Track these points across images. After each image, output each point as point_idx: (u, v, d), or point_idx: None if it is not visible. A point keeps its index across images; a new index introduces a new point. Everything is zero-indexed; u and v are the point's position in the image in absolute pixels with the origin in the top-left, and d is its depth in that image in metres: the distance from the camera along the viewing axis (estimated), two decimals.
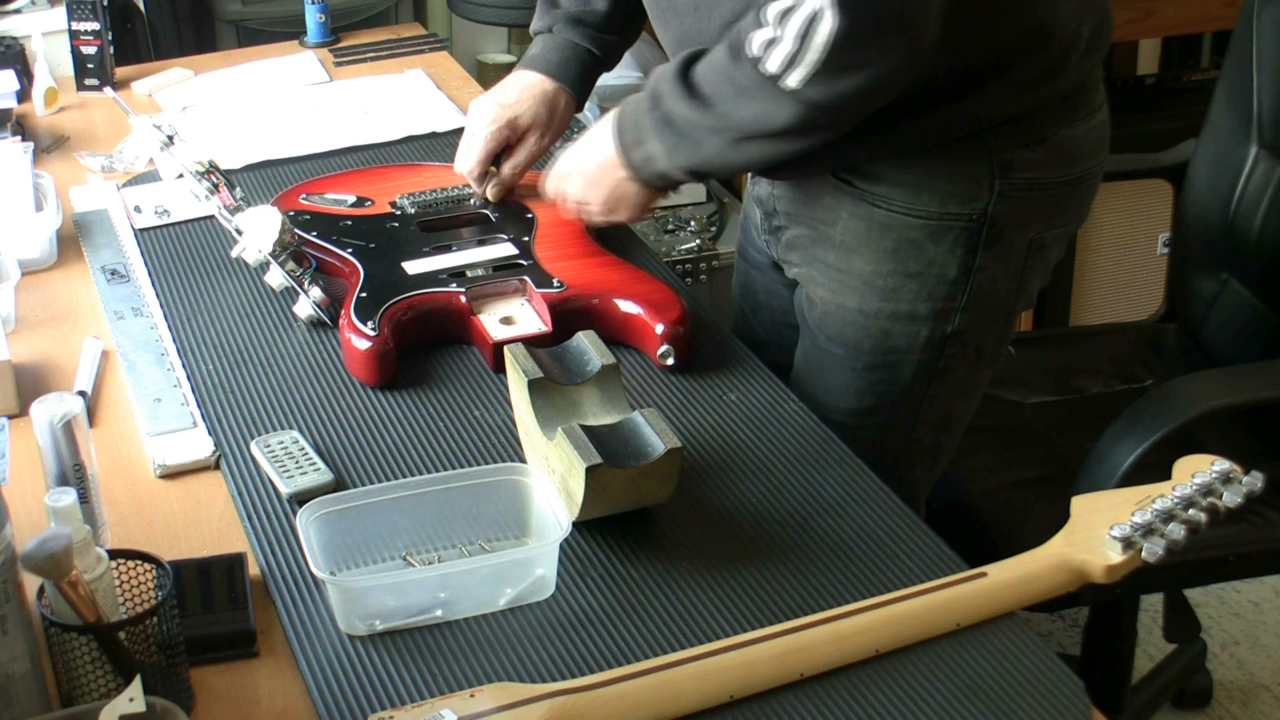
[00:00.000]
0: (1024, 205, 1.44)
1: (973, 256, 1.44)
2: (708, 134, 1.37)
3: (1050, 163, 1.44)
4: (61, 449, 1.22)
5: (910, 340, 1.48)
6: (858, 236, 1.46)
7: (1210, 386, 1.71)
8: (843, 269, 1.48)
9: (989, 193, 1.42)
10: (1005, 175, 1.42)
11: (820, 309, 1.52)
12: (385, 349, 1.44)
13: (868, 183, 1.44)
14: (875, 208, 1.44)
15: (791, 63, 1.25)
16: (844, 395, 1.53)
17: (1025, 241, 1.46)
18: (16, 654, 1.04)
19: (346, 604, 1.14)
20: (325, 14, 2.38)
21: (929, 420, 1.55)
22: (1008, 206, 1.43)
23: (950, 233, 1.43)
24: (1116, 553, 1.16)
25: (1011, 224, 1.44)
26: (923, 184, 1.42)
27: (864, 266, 1.47)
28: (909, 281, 1.45)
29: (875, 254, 1.46)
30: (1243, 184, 1.96)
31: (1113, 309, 2.97)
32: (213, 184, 1.65)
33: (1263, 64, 1.92)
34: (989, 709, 1.06)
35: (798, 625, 1.11)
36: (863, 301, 1.48)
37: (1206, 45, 3.04)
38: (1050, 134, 1.43)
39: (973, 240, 1.43)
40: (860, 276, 1.47)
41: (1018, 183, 1.42)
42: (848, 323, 1.50)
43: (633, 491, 1.22)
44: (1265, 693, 2.34)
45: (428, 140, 2.00)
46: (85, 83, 2.21)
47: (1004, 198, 1.42)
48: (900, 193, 1.43)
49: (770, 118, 1.31)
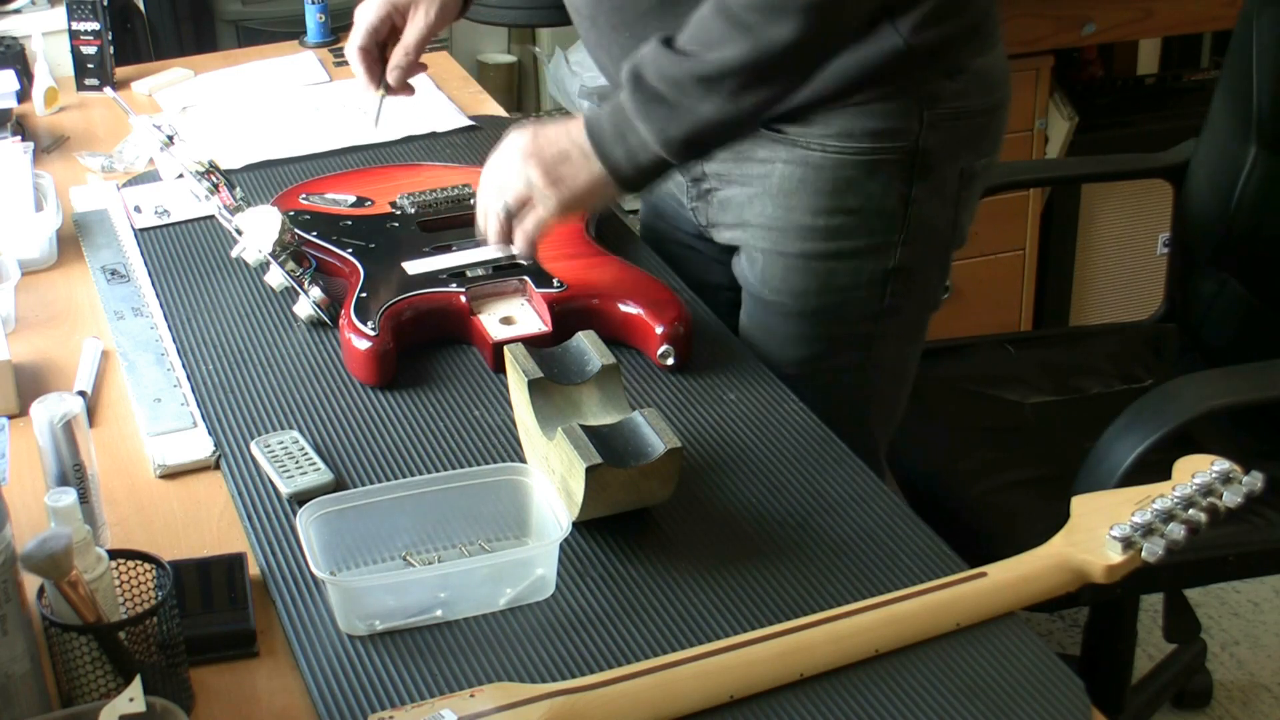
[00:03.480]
0: (952, 135, 1.48)
1: (908, 188, 1.48)
2: (704, 91, 1.32)
3: (971, 91, 1.49)
4: (61, 449, 1.22)
5: (854, 278, 1.52)
6: (794, 182, 1.49)
7: (1210, 386, 1.71)
8: (782, 217, 1.51)
9: (918, 124, 1.46)
10: (932, 106, 1.46)
11: (762, 263, 1.55)
12: (385, 349, 1.44)
13: (800, 127, 1.48)
14: (809, 150, 1.48)
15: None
16: (794, 344, 1.56)
17: (956, 171, 1.51)
18: (16, 654, 1.04)
19: (346, 604, 1.14)
20: (325, 14, 2.38)
21: (881, 363, 1.58)
22: (937, 137, 1.47)
23: (884, 167, 1.47)
24: (1116, 553, 1.16)
25: (942, 154, 1.48)
26: (854, 122, 1.46)
27: (803, 210, 1.50)
28: (849, 219, 1.49)
29: (814, 196, 1.49)
30: (1243, 184, 1.96)
31: (1113, 309, 2.97)
32: (213, 184, 1.65)
33: (1263, 64, 1.92)
34: (989, 709, 1.06)
35: (798, 625, 1.11)
36: (804, 245, 1.51)
37: (1206, 45, 3.04)
38: (967, 63, 1.48)
39: (906, 172, 1.47)
40: (800, 220, 1.50)
41: (944, 113, 1.47)
42: (792, 269, 1.53)
43: (633, 491, 1.22)
44: (1265, 693, 2.34)
45: (428, 140, 2.00)
46: (85, 83, 2.21)
47: (932, 129, 1.46)
48: (833, 133, 1.46)
49: (773, 41, 1.29)
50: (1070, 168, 2.56)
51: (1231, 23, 2.01)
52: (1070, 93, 2.86)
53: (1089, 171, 2.41)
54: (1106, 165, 2.35)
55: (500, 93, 3.07)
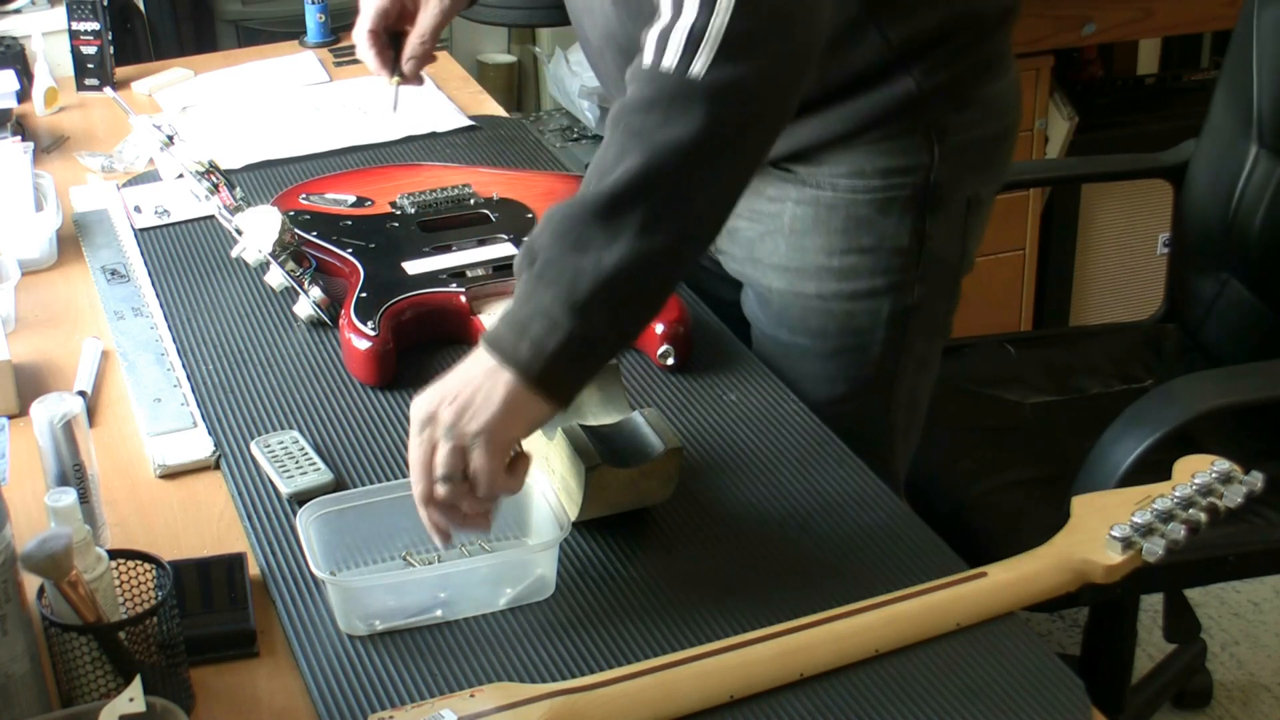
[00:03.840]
0: (961, 164, 1.46)
1: (921, 224, 1.45)
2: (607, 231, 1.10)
3: (980, 120, 1.46)
4: (61, 449, 1.22)
5: (873, 318, 1.49)
6: (807, 222, 1.46)
7: (1210, 386, 1.71)
8: (796, 257, 1.48)
9: (930, 159, 1.43)
10: (942, 140, 1.43)
11: (778, 303, 1.51)
12: (385, 349, 1.44)
13: (809, 167, 1.45)
14: (820, 190, 1.45)
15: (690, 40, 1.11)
16: (816, 385, 1.52)
17: (963, 200, 1.48)
18: (16, 654, 1.04)
19: (346, 604, 1.14)
20: (325, 14, 2.38)
21: (901, 402, 1.56)
22: (947, 169, 1.45)
23: (896, 203, 1.44)
24: (1116, 553, 1.16)
25: (951, 185, 1.46)
26: (865, 160, 1.43)
27: (817, 251, 1.47)
28: (863, 258, 1.46)
29: (826, 236, 1.46)
30: (1243, 184, 1.96)
31: (1113, 309, 2.97)
32: (213, 184, 1.65)
33: (1263, 64, 1.92)
34: (989, 709, 1.06)
35: (798, 625, 1.11)
36: (820, 286, 1.48)
37: (1206, 45, 3.04)
38: (976, 94, 1.46)
39: (919, 208, 1.45)
40: (815, 261, 1.47)
41: (954, 145, 1.44)
42: (809, 310, 1.49)
43: (633, 491, 1.22)
44: (1265, 693, 2.34)
45: (428, 140, 2.00)
46: (85, 83, 2.21)
47: (943, 161, 1.44)
48: (843, 172, 1.43)
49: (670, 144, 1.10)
50: (1070, 168, 2.56)
51: (1231, 23, 2.01)
52: (1070, 93, 2.86)
53: (1089, 171, 2.40)
54: (1106, 165, 2.35)
55: (500, 93, 3.07)
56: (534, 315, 1.11)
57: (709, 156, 1.13)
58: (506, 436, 1.12)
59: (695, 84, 1.11)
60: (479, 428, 1.11)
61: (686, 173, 1.12)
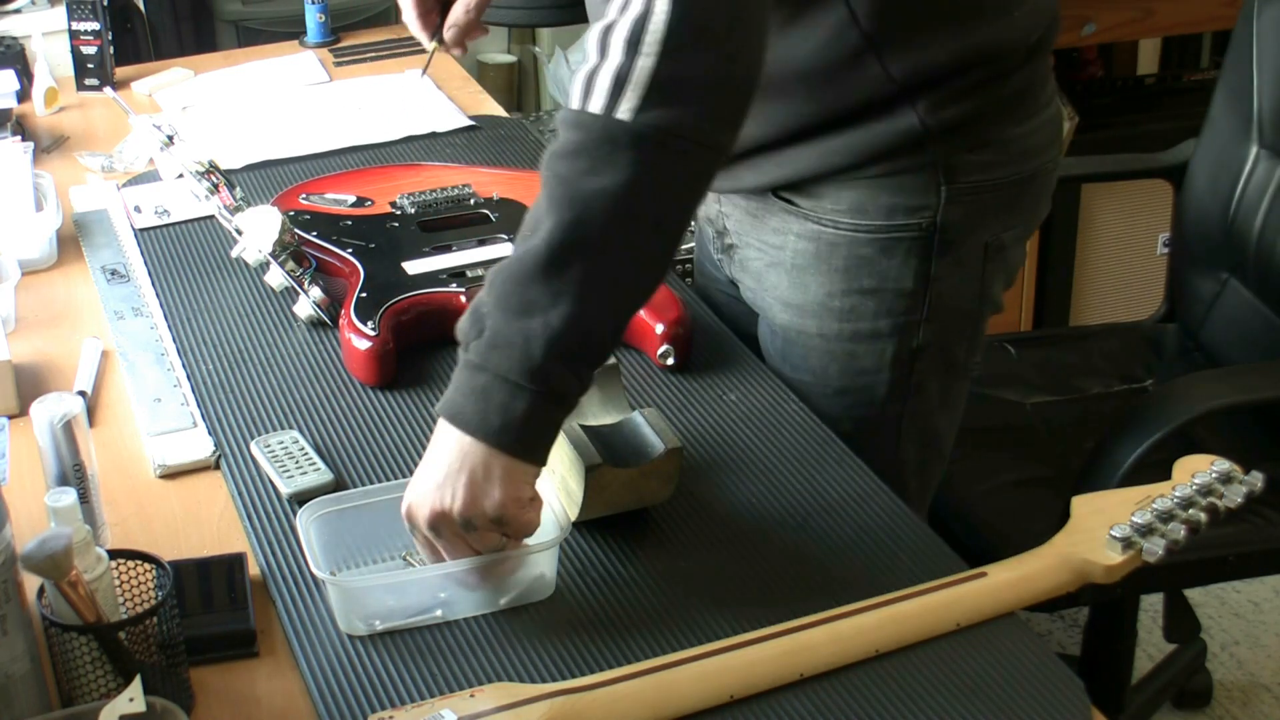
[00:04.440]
0: (975, 208, 1.39)
1: (927, 266, 1.39)
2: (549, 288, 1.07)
3: (998, 163, 1.39)
4: (61, 449, 1.22)
5: (877, 360, 1.44)
6: (808, 258, 1.42)
7: (1210, 386, 1.71)
8: (798, 294, 1.44)
9: (936, 200, 1.37)
10: (951, 181, 1.37)
11: (782, 338, 1.48)
12: (385, 349, 1.44)
13: (811, 201, 1.40)
14: (822, 227, 1.40)
15: (616, 83, 1.07)
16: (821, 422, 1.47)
17: (981, 245, 1.42)
18: (16, 654, 1.04)
19: (346, 604, 1.14)
20: (325, 14, 2.38)
21: (911, 439, 1.50)
22: (958, 212, 1.38)
23: (901, 245, 1.38)
24: (1116, 553, 1.16)
25: (964, 229, 1.40)
26: (867, 198, 1.37)
27: (818, 289, 1.42)
28: (865, 300, 1.41)
29: (827, 275, 1.41)
30: (1243, 184, 1.96)
31: (1113, 309, 2.97)
32: (213, 184, 1.65)
33: (1263, 64, 1.92)
34: (989, 709, 1.06)
35: (798, 625, 1.11)
36: (822, 326, 1.43)
37: (1206, 45, 3.04)
38: (995, 136, 1.38)
39: (925, 250, 1.39)
40: (815, 300, 1.43)
41: (965, 187, 1.38)
42: (810, 349, 1.45)
43: (633, 491, 1.22)
44: (1265, 693, 2.34)
45: (428, 140, 2.00)
46: (85, 83, 2.21)
47: (952, 203, 1.38)
48: (844, 209, 1.38)
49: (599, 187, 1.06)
50: (1070, 168, 2.55)
51: (1231, 23, 2.01)
52: (1070, 93, 2.86)
53: (1089, 171, 2.40)
54: (1106, 165, 2.35)
55: (500, 93, 3.07)
56: (493, 384, 1.08)
57: (641, 203, 1.08)
58: (522, 496, 1.12)
59: (623, 127, 1.07)
60: (495, 506, 1.11)
61: (620, 222, 1.08)
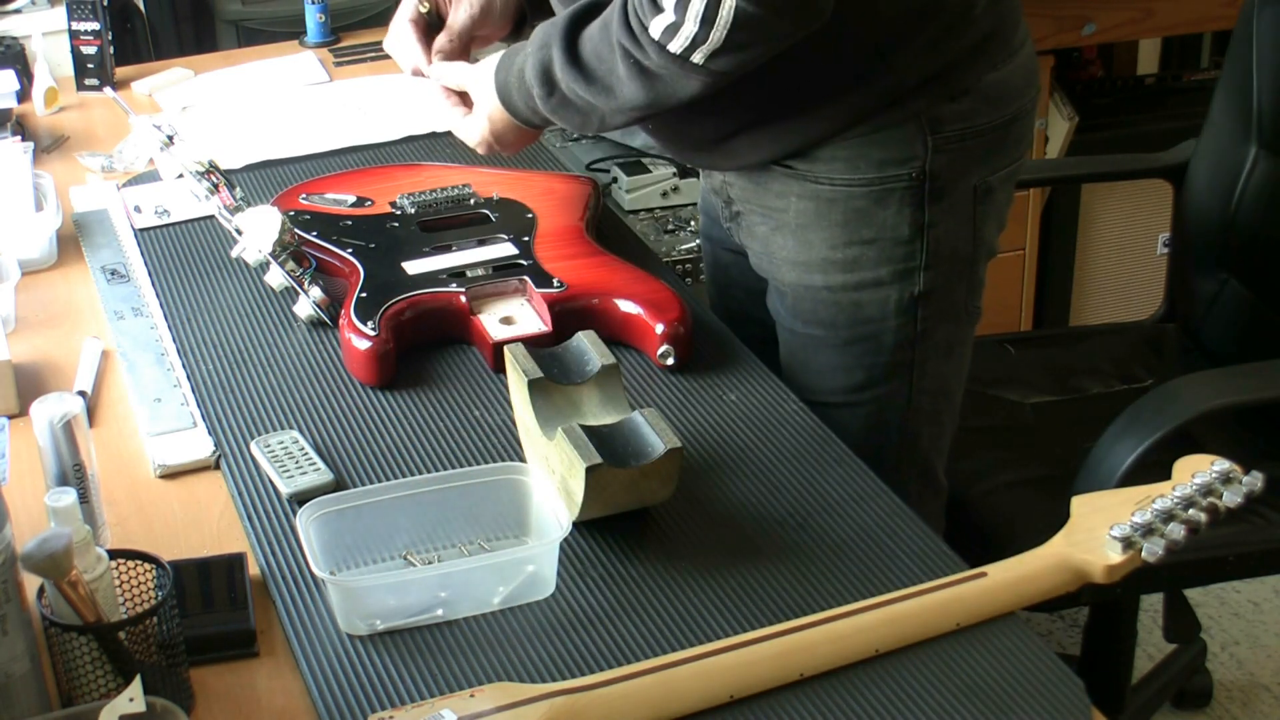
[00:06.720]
0: (961, 154, 1.46)
1: (921, 214, 1.47)
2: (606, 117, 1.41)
3: (979, 110, 1.46)
4: (61, 449, 1.22)
5: (882, 307, 1.51)
6: (809, 216, 1.49)
7: (1210, 386, 1.71)
8: (803, 251, 1.51)
9: (923, 150, 1.45)
10: (936, 130, 1.44)
11: (791, 296, 1.55)
12: (385, 349, 1.44)
13: (807, 163, 1.47)
14: (819, 185, 1.47)
15: (694, 43, 1.28)
16: (833, 375, 1.55)
17: (970, 189, 1.49)
18: (16, 654, 1.04)
19: (346, 604, 1.14)
20: (325, 14, 2.38)
21: (924, 388, 1.57)
22: (945, 159, 1.46)
23: (894, 195, 1.46)
24: (1116, 553, 1.16)
25: (952, 175, 1.47)
26: (858, 154, 1.45)
27: (820, 244, 1.49)
28: (865, 250, 1.48)
29: (828, 229, 1.49)
30: (1243, 184, 1.96)
31: (1113, 309, 2.97)
32: (213, 184, 1.65)
33: (1263, 64, 1.92)
34: (989, 709, 1.06)
35: (798, 625, 1.11)
36: (828, 278, 1.50)
37: (1206, 45, 3.04)
38: (973, 83, 1.45)
39: (917, 198, 1.46)
40: (819, 254, 1.50)
41: (950, 135, 1.45)
42: (820, 302, 1.52)
43: (633, 491, 1.22)
44: (1265, 693, 2.34)
45: (428, 140, 2.00)
46: (85, 83, 2.21)
47: (939, 152, 1.45)
48: (839, 166, 1.46)
49: (677, 94, 1.34)
50: (1070, 168, 2.56)
51: (1231, 23, 2.01)
52: (1070, 93, 2.86)
53: (1089, 171, 2.40)
54: (1106, 165, 2.35)
55: None
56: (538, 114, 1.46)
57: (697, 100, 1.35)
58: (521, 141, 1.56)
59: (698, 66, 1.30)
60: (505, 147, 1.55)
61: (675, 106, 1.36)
